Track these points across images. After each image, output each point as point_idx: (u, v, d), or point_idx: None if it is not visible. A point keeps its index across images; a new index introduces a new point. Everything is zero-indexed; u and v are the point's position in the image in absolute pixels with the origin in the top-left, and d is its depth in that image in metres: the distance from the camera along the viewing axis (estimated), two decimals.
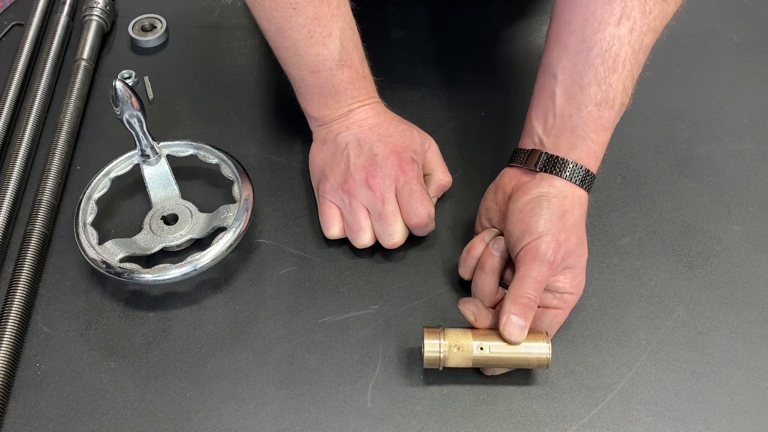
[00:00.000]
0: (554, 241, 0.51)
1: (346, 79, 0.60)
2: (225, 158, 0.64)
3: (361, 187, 0.58)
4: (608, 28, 0.52)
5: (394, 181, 0.58)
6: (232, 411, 0.54)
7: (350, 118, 0.61)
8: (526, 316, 0.51)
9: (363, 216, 0.59)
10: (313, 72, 0.59)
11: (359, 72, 0.61)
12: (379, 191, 0.58)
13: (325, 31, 0.57)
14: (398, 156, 0.59)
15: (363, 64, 0.61)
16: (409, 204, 0.58)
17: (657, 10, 0.53)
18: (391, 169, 0.58)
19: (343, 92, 0.60)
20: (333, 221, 0.61)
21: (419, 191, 0.58)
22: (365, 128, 0.61)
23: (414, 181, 0.58)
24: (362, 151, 0.59)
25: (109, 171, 0.63)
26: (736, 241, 0.63)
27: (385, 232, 0.59)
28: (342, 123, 0.61)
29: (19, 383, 0.55)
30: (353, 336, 0.57)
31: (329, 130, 0.62)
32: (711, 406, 0.54)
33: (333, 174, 0.60)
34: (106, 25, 0.81)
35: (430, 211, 0.59)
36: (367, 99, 0.62)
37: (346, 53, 0.59)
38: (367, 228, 0.59)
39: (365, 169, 0.58)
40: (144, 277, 0.56)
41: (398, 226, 0.59)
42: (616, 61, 0.53)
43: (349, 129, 0.61)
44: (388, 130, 0.61)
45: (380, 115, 0.62)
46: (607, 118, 0.54)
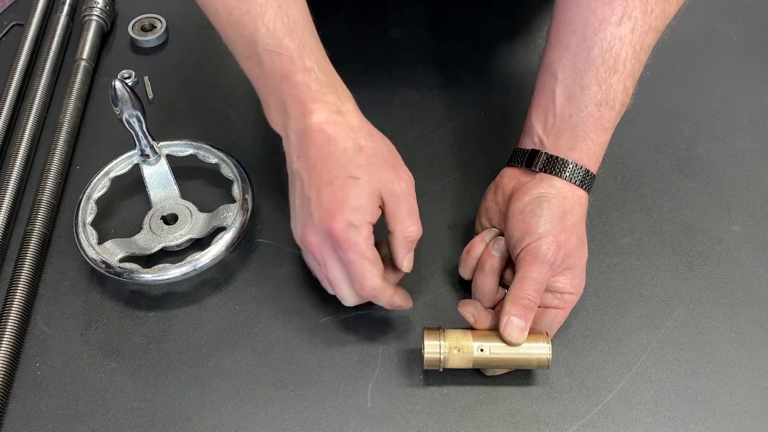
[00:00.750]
0: (554, 242, 0.51)
1: (278, 68, 0.51)
2: (225, 158, 0.64)
3: (303, 246, 0.53)
4: (609, 27, 0.52)
5: (332, 248, 0.51)
6: (232, 411, 0.54)
7: (297, 137, 0.52)
8: (526, 318, 0.51)
9: (318, 272, 0.54)
10: (246, 58, 0.53)
11: (296, 62, 0.51)
12: (320, 256, 0.51)
13: (244, 7, 0.51)
14: (330, 221, 0.49)
15: (304, 54, 0.51)
16: (352, 278, 0.51)
17: (659, 9, 0.53)
18: (326, 236, 0.50)
19: (277, 89, 0.52)
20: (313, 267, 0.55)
21: (358, 263, 0.50)
22: (310, 164, 0.51)
23: (350, 251, 0.49)
24: (303, 203, 0.51)
25: (108, 171, 0.63)
26: (736, 241, 0.63)
27: (337, 296, 0.54)
28: (290, 144, 0.53)
29: (19, 383, 0.55)
30: (353, 336, 0.57)
31: (286, 150, 0.54)
32: (711, 406, 0.54)
33: (292, 217, 0.54)
34: (105, 25, 0.80)
35: (372, 284, 0.51)
36: (311, 103, 0.51)
37: (272, 37, 0.51)
38: (326, 284, 0.54)
39: (304, 230, 0.52)
40: (144, 277, 0.56)
41: (347, 292, 0.52)
42: (617, 61, 0.52)
43: (300, 158, 0.52)
44: (331, 173, 0.50)
45: (330, 143, 0.50)
46: (607, 118, 0.54)
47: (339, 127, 0.51)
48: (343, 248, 0.49)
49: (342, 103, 0.52)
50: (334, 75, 0.54)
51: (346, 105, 0.53)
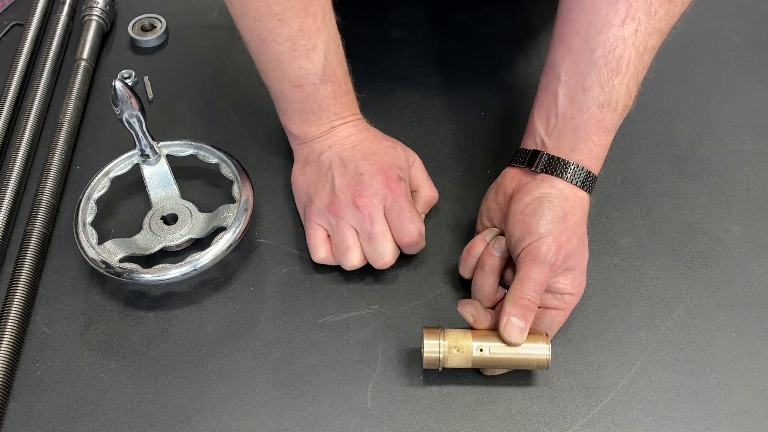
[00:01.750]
0: (555, 242, 0.51)
1: (329, 94, 0.59)
2: (225, 158, 0.64)
3: (348, 207, 0.56)
4: (612, 29, 0.52)
5: (382, 200, 0.56)
6: (232, 411, 0.54)
7: (333, 136, 0.60)
8: (526, 318, 0.51)
9: (351, 236, 0.57)
10: (296, 86, 0.58)
11: (342, 87, 0.59)
12: (367, 211, 0.56)
13: (310, 44, 0.56)
14: (384, 174, 0.57)
15: (346, 80, 0.60)
16: (399, 222, 0.56)
17: (663, 11, 0.53)
18: (378, 188, 0.56)
19: (325, 108, 0.59)
20: (320, 244, 0.59)
21: (409, 209, 0.57)
22: (348, 147, 0.59)
23: (402, 199, 0.57)
24: (347, 171, 0.58)
25: (108, 171, 0.63)
26: (736, 241, 0.63)
27: (374, 252, 0.57)
28: (324, 141, 0.60)
29: (19, 383, 0.55)
30: (353, 336, 0.57)
31: (311, 149, 0.61)
32: (711, 406, 0.54)
33: (318, 196, 0.58)
34: (105, 25, 0.80)
35: (420, 228, 0.58)
36: (349, 116, 0.60)
37: (330, 68, 0.58)
38: (355, 248, 0.57)
39: (351, 189, 0.57)
40: (144, 277, 0.56)
41: (389, 246, 0.57)
42: (620, 62, 0.52)
43: (332, 148, 0.59)
44: (372, 147, 0.59)
45: (363, 132, 0.60)
46: (609, 120, 0.54)
47: (366, 126, 0.62)
48: (396, 195, 0.57)
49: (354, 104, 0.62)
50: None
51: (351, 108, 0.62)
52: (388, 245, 0.57)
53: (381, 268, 0.58)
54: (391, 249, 0.57)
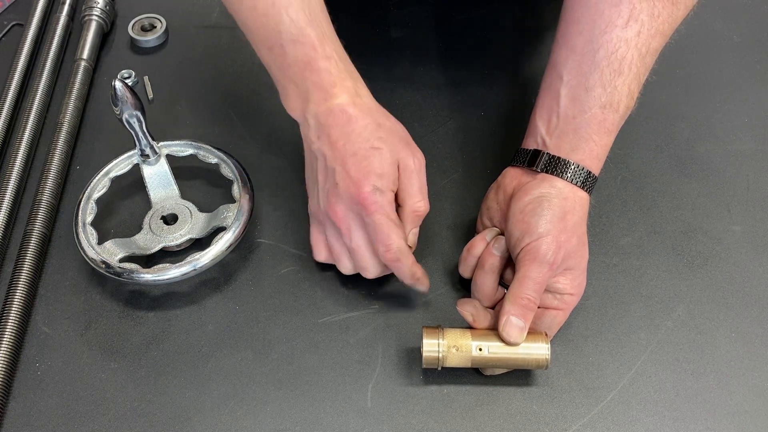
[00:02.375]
0: (555, 242, 0.51)
1: (301, 56, 0.53)
2: (225, 158, 0.64)
3: (327, 219, 0.55)
4: (615, 30, 0.52)
5: (357, 214, 0.53)
6: (232, 411, 0.54)
7: (317, 120, 0.54)
8: (525, 318, 0.51)
9: (339, 246, 0.56)
10: (269, 49, 0.55)
11: (318, 50, 0.53)
12: (344, 225, 0.54)
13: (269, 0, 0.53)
14: (357, 187, 0.52)
15: (324, 43, 0.54)
16: (375, 239, 0.53)
17: (666, 13, 0.53)
18: (351, 203, 0.53)
19: (300, 76, 0.54)
20: (318, 246, 0.58)
21: (385, 224, 0.52)
22: (333, 141, 0.53)
23: (377, 214, 0.52)
24: (327, 177, 0.54)
25: (108, 171, 0.63)
26: (736, 241, 0.63)
27: (358, 266, 0.56)
28: (311, 129, 0.55)
29: (19, 383, 0.55)
30: (353, 336, 0.57)
31: (304, 135, 0.57)
32: (711, 406, 0.54)
33: (311, 196, 0.58)
34: (105, 25, 0.80)
35: (397, 245, 0.52)
36: (332, 88, 0.54)
37: (295, 27, 0.53)
38: (345, 258, 0.56)
39: (329, 200, 0.54)
40: (144, 277, 0.56)
41: (369, 260, 0.54)
42: (622, 63, 0.52)
43: (320, 140, 0.54)
44: (354, 146, 0.53)
45: (351, 121, 0.53)
46: (611, 120, 0.54)
47: (358, 107, 0.54)
48: (370, 211, 0.52)
49: (359, 88, 0.55)
50: (349, 62, 0.56)
51: (362, 90, 0.56)
52: (369, 260, 0.55)
53: (365, 277, 0.56)
54: (373, 264, 0.55)
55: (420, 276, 0.55)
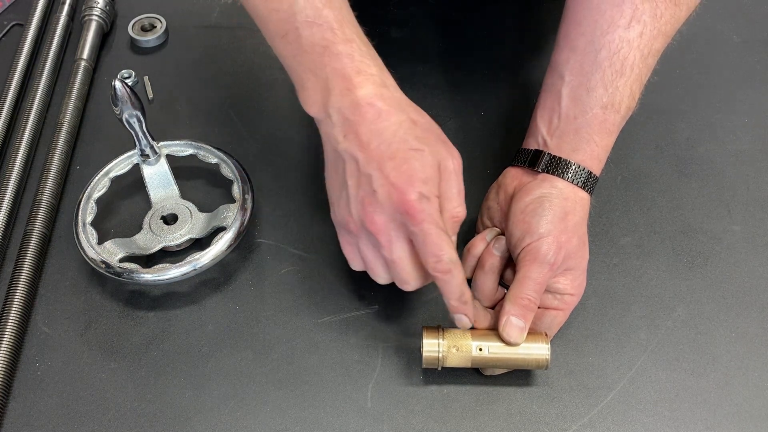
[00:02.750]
0: (555, 242, 0.51)
1: (318, 40, 0.48)
2: (225, 158, 0.64)
3: (362, 230, 0.49)
4: (618, 30, 0.52)
5: (401, 225, 0.48)
6: (232, 411, 0.54)
7: (342, 116, 0.48)
8: (525, 318, 0.51)
9: (374, 258, 0.50)
10: (282, 37, 0.49)
11: (337, 33, 0.48)
12: (384, 236, 0.48)
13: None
14: (401, 195, 0.46)
15: (344, 25, 0.49)
16: (425, 250, 0.47)
17: (668, 14, 0.53)
18: (394, 212, 0.47)
19: (319, 63, 0.48)
20: (353, 257, 0.52)
21: (435, 234, 0.47)
22: (364, 141, 0.48)
23: (426, 222, 0.47)
24: (360, 182, 0.48)
25: (108, 171, 0.63)
26: (736, 241, 0.63)
27: (397, 280, 0.50)
28: (335, 126, 0.49)
29: (19, 383, 0.55)
30: (353, 336, 0.57)
31: (326, 134, 0.51)
32: (711, 406, 0.54)
33: (337, 204, 0.51)
34: (105, 25, 0.80)
35: (450, 256, 0.48)
36: (356, 76, 0.48)
37: (311, 7, 0.48)
38: (381, 269, 0.51)
39: (365, 209, 0.48)
40: (144, 277, 0.56)
41: (411, 273, 0.49)
42: (624, 64, 0.52)
43: (347, 137, 0.48)
44: (392, 147, 0.47)
45: (382, 117, 0.48)
46: (612, 121, 0.54)
47: (388, 100, 0.48)
48: (417, 220, 0.46)
49: (385, 77, 0.50)
50: (371, 47, 0.51)
51: (388, 79, 0.50)
52: (411, 272, 0.49)
53: (404, 289, 0.51)
54: (414, 276, 0.50)
55: (468, 299, 0.50)
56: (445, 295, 0.50)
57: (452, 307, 0.50)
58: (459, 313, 0.50)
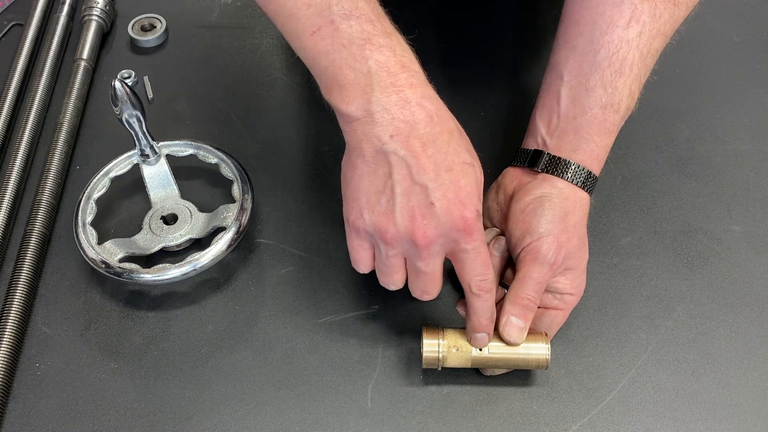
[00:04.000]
0: (555, 242, 0.51)
1: (357, 33, 0.45)
2: (225, 158, 0.64)
3: (404, 240, 0.46)
4: (617, 30, 0.52)
5: (451, 242, 0.46)
6: (232, 411, 0.54)
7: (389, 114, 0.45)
8: (525, 318, 0.51)
9: (399, 267, 0.49)
10: (314, 33, 0.46)
11: (376, 25, 0.46)
12: (427, 251, 0.46)
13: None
14: (463, 210, 0.45)
15: (381, 17, 0.47)
16: (472, 269, 0.48)
17: (667, 14, 0.53)
18: (451, 228, 0.45)
19: (359, 56, 0.45)
20: (364, 262, 0.51)
21: (485, 253, 0.47)
22: (416, 146, 0.44)
23: (479, 241, 0.47)
24: (413, 190, 0.45)
25: (108, 171, 0.63)
26: (736, 241, 0.63)
27: (418, 288, 0.50)
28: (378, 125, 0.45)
29: (19, 383, 0.55)
30: (353, 336, 0.57)
31: (364, 133, 0.46)
32: (711, 406, 0.54)
33: (370, 210, 0.47)
34: (105, 25, 0.80)
35: (493, 276, 0.49)
36: (401, 71, 0.45)
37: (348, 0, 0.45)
38: (400, 275, 0.50)
39: (415, 220, 0.45)
40: (143, 277, 0.56)
41: (437, 285, 0.50)
42: (623, 64, 0.52)
43: (396, 139, 0.45)
44: (448, 157, 0.45)
45: (433, 122, 0.45)
46: (611, 121, 0.54)
47: (435, 102, 0.46)
48: (473, 238, 0.46)
49: (424, 77, 0.47)
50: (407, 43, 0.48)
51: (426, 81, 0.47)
52: (437, 285, 0.50)
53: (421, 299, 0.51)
54: (438, 287, 0.50)
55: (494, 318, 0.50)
56: (476, 313, 0.49)
57: (480, 325, 0.50)
58: (483, 332, 0.50)
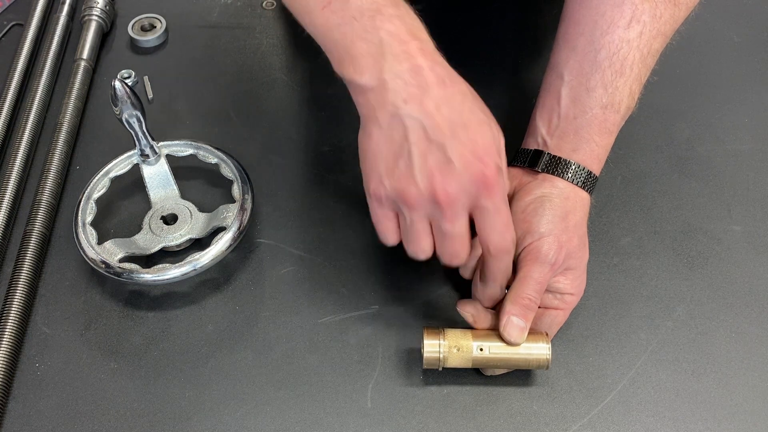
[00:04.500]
0: (556, 242, 0.51)
1: (367, 5, 0.46)
2: (225, 158, 0.64)
3: (426, 201, 0.46)
4: (617, 30, 0.52)
5: (473, 199, 0.46)
6: (232, 411, 0.54)
7: (400, 78, 0.45)
8: (526, 317, 0.51)
9: (424, 228, 0.48)
10: (324, 8, 0.47)
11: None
12: (451, 210, 0.46)
13: None
14: (482, 164, 0.45)
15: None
16: (493, 227, 0.47)
17: (668, 14, 0.53)
18: (472, 184, 0.45)
19: (370, 26, 0.46)
20: (390, 232, 0.50)
21: (506, 211, 0.47)
22: (431, 107, 0.45)
23: (499, 197, 0.46)
24: (431, 149, 0.45)
25: (108, 171, 0.63)
26: (736, 241, 0.63)
27: (446, 252, 0.48)
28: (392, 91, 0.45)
29: (19, 383, 0.55)
30: (353, 336, 0.57)
31: (377, 101, 0.46)
32: (711, 406, 0.54)
33: (390, 175, 0.46)
34: (105, 25, 0.80)
35: (514, 236, 0.49)
36: (411, 40, 0.46)
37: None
38: (427, 241, 0.48)
39: (434, 178, 0.45)
40: (143, 277, 0.56)
41: (466, 247, 0.48)
42: (624, 64, 0.52)
43: (409, 103, 0.45)
44: (463, 115, 0.46)
45: (446, 85, 0.46)
46: (612, 121, 0.54)
47: (447, 68, 0.47)
48: (494, 193, 0.45)
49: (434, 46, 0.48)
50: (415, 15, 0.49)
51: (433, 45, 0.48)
52: (465, 248, 0.48)
53: (449, 267, 0.50)
54: (466, 251, 0.49)
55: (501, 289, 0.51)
56: (490, 277, 0.49)
57: (490, 292, 0.50)
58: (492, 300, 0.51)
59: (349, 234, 0.62)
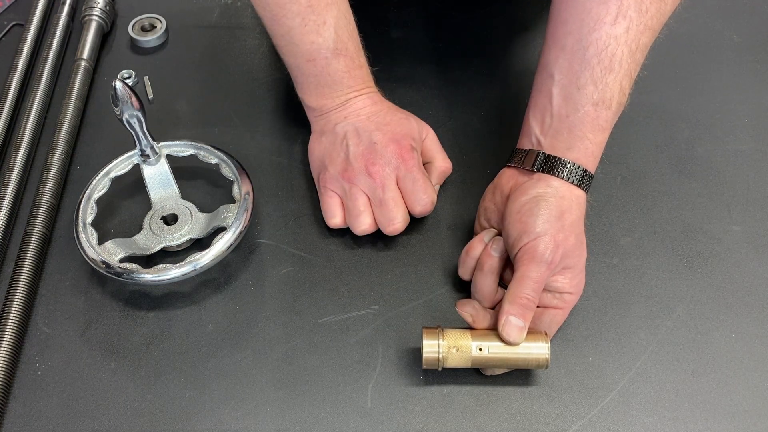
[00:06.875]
0: (552, 241, 0.51)
1: (342, 68, 0.60)
2: (225, 158, 0.64)
3: (361, 174, 0.59)
4: (604, 27, 0.52)
5: (395, 169, 0.59)
6: (232, 411, 0.54)
7: (347, 108, 0.62)
8: (524, 317, 0.51)
9: (363, 202, 0.59)
10: (309, 60, 0.60)
11: (355, 61, 0.61)
12: (380, 178, 0.58)
13: (320, 19, 0.58)
14: (397, 144, 0.59)
15: (359, 54, 0.62)
16: (414, 192, 0.59)
17: (654, 8, 0.53)
18: (391, 157, 0.59)
19: (339, 81, 0.61)
20: (335, 210, 0.61)
21: (422, 179, 0.59)
22: (363, 117, 0.61)
23: (415, 168, 0.59)
24: (361, 140, 0.60)
25: (108, 171, 0.63)
26: (736, 241, 0.63)
27: (385, 218, 0.59)
28: (339, 113, 0.62)
29: (19, 383, 0.55)
30: (353, 336, 0.57)
31: (327, 120, 0.63)
32: (711, 406, 0.54)
33: (333, 164, 0.61)
34: (105, 25, 0.80)
35: (433, 198, 0.60)
36: (363, 88, 0.62)
37: (341, 42, 0.60)
38: (366, 213, 0.59)
39: (365, 157, 0.59)
40: (144, 277, 0.56)
41: (399, 212, 0.59)
42: (612, 60, 0.53)
43: (347, 119, 0.61)
44: (386, 118, 0.62)
45: (377, 104, 0.63)
46: (604, 117, 0.54)
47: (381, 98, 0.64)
48: (409, 165, 0.59)
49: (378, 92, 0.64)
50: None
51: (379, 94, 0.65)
52: (399, 212, 0.59)
53: (391, 234, 0.60)
54: (401, 215, 0.59)
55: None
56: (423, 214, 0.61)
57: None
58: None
59: (349, 234, 0.62)
